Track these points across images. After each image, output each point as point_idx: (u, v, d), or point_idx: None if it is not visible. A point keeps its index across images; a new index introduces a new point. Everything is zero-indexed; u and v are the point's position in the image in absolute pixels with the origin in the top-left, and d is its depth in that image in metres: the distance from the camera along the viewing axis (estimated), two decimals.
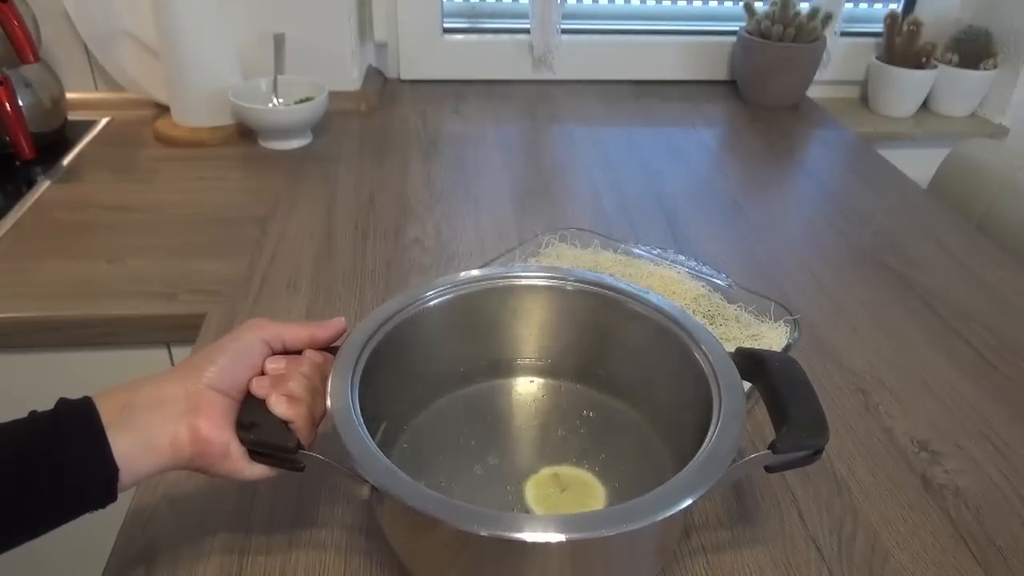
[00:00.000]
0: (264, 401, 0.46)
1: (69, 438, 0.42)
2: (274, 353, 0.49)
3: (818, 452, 0.46)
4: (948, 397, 0.71)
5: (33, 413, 0.43)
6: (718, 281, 0.75)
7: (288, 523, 0.56)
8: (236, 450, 0.45)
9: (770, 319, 0.71)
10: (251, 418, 0.45)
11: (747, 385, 0.50)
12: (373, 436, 0.45)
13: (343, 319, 0.52)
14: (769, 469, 0.47)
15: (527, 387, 0.62)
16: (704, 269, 0.77)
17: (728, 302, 0.73)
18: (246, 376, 0.47)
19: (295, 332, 0.50)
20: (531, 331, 0.61)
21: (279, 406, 0.45)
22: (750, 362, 0.51)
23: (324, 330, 0.51)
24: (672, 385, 0.55)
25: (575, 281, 0.59)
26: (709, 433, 0.46)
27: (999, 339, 0.79)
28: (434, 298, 0.56)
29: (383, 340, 0.52)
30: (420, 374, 0.58)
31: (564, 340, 0.61)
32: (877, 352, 0.77)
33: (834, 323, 0.80)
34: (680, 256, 0.79)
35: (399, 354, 0.54)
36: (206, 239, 0.91)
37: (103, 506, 0.43)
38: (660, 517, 0.40)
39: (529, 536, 0.39)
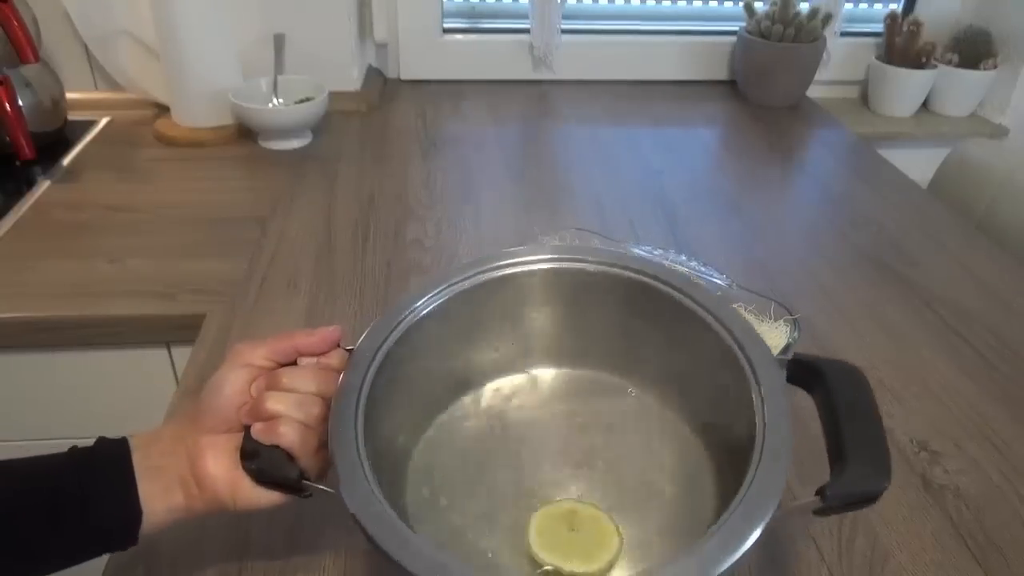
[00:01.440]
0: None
1: (102, 480, 0.43)
2: (270, 370, 0.47)
3: (874, 498, 0.39)
4: (948, 397, 0.71)
5: (73, 449, 0.44)
6: (718, 281, 0.75)
7: (288, 528, 0.56)
8: (246, 481, 0.45)
9: (770, 319, 0.70)
10: (252, 446, 0.44)
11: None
12: (383, 453, 0.43)
13: (337, 327, 0.49)
14: (815, 514, 0.40)
15: (546, 383, 0.60)
16: (704, 269, 0.77)
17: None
18: (236, 407, 0.46)
19: (279, 345, 0.48)
20: (549, 320, 0.58)
21: (260, 435, 0.44)
22: (807, 373, 0.45)
23: (311, 337, 0.48)
24: (709, 387, 0.51)
25: (597, 263, 0.55)
26: (743, 488, 0.39)
27: (999, 339, 0.79)
28: (433, 301, 0.53)
29: (385, 358, 0.49)
30: (431, 381, 0.55)
31: (583, 330, 0.58)
32: (877, 352, 0.77)
33: (834, 323, 0.80)
34: (680, 256, 0.79)
35: (405, 366, 0.51)
36: (206, 239, 0.90)
37: (124, 548, 0.44)
38: None
39: None
